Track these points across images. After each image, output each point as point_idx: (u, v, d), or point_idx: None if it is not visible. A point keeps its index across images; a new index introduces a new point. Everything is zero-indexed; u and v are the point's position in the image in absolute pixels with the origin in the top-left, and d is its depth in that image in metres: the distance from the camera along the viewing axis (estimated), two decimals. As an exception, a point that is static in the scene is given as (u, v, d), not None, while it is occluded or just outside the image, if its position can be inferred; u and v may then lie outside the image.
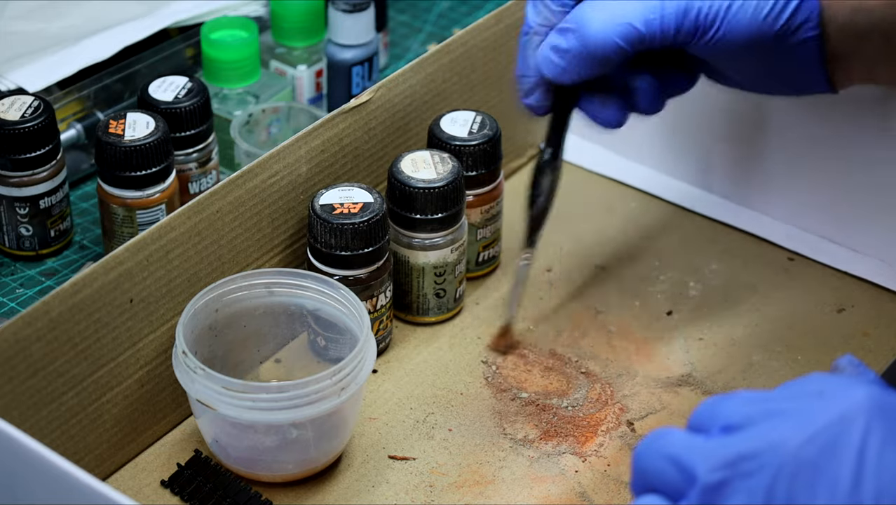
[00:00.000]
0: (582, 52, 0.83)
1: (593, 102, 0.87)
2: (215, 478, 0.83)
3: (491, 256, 0.99)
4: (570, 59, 0.83)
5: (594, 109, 0.87)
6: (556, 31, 0.84)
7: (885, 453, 0.58)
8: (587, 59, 0.83)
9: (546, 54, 0.84)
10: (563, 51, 0.83)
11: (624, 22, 0.82)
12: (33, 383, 0.78)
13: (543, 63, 0.85)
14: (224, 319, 0.86)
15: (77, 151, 1.06)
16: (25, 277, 0.99)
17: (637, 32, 0.82)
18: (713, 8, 0.81)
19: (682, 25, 0.82)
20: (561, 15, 0.85)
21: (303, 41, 1.11)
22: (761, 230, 1.02)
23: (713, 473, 0.59)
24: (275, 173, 0.89)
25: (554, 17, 0.85)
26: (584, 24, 0.83)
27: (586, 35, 0.82)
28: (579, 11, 0.83)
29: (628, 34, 0.82)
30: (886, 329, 0.95)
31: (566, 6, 0.85)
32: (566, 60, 0.84)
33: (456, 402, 0.89)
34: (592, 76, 0.84)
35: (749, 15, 0.81)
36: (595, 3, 0.83)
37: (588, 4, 0.83)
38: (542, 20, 0.86)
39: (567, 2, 0.85)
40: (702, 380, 0.91)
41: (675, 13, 0.81)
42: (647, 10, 0.82)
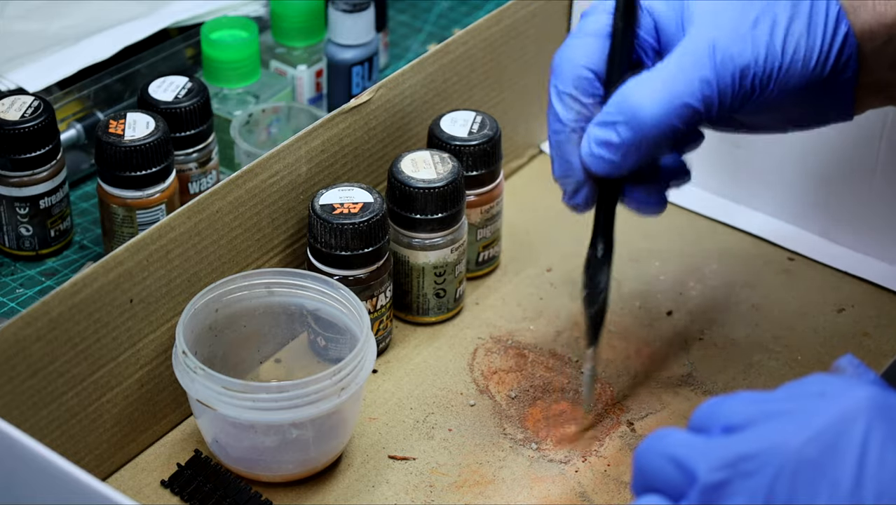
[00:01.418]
0: (637, 142, 0.76)
1: (636, 192, 0.82)
2: (215, 478, 0.83)
3: (491, 256, 0.99)
4: (624, 152, 0.77)
5: (639, 200, 0.82)
6: (598, 125, 0.77)
7: (885, 454, 0.58)
8: (643, 148, 0.76)
9: (595, 152, 0.77)
10: (615, 145, 0.76)
11: (680, 102, 0.75)
12: (33, 383, 0.78)
13: (593, 161, 0.78)
14: (224, 319, 0.86)
15: (77, 151, 1.06)
16: (25, 276, 0.99)
17: (694, 111, 0.75)
18: (766, 69, 0.75)
19: (737, 94, 0.76)
20: (594, 106, 0.79)
21: (303, 41, 1.11)
22: (761, 230, 1.02)
23: (714, 473, 0.59)
24: (275, 173, 0.89)
25: (587, 110, 0.79)
26: (635, 112, 0.75)
27: (640, 124, 0.75)
28: (625, 99, 0.76)
29: (685, 115, 0.75)
30: (886, 329, 0.95)
31: (597, 97, 0.79)
32: (619, 154, 0.77)
33: (456, 402, 0.89)
34: (644, 164, 0.79)
35: (800, 67, 0.76)
36: (641, 87, 0.76)
37: (633, 90, 0.76)
38: (574, 115, 0.79)
39: (598, 92, 0.79)
40: (702, 380, 0.91)
41: (730, 84, 0.75)
42: (702, 86, 0.75)
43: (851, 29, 0.77)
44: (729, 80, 0.75)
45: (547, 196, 1.06)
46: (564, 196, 0.82)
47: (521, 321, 0.95)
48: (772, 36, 0.76)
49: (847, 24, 0.76)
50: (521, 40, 1.04)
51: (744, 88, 0.76)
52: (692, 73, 0.75)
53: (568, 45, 0.80)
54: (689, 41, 0.76)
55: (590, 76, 0.79)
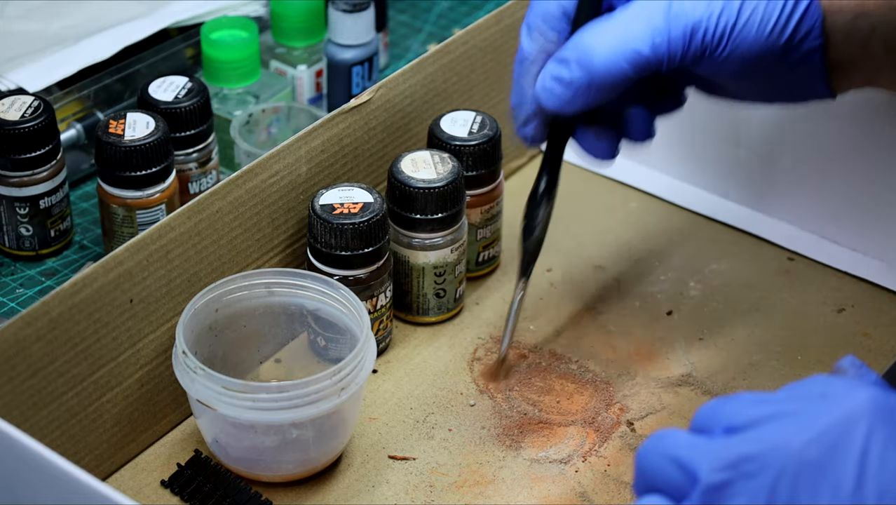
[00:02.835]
0: (587, 81, 0.79)
1: (588, 135, 0.85)
2: (215, 478, 0.83)
3: (491, 256, 0.99)
4: (574, 90, 0.80)
5: (588, 142, 0.85)
6: (555, 60, 0.81)
7: (887, 455, 0.58)
8: (592, 89, 0.80)
9: (547, 85, 0.81)
10: (566, 81, 0.80)
11: (630, 48, 0.78)
12: (33, 383, 0.78)
13: (544, 94, 0.81)
14: (224, 319, 0.86)
15: (77, 151, 1.06)
16: (25, 276, 0.99)
17: (644, 58, 0.78)
18: (720, 26, 0.78)
19: (689, 47, 0.79)
20: (558, 42, 0.82)
21: (303, 41, 1.11)
22: (761, 230, 1.02)
23: (715, 474, 0.59)
24: (275, 173, 0.89)
25: (550, 45, 0.82)
26: (587, 52, 0.79)
27: (591, 63, 0.79)
28: (581, 39, 0.80)
29: (635, 60, 0.78)
30: (886, 329, 0.95)
31: (562, 32, 0.82)
32: (570, 91, 0.80)
33: (456, 402, 0.89)
34: (595, 105, 0.82)
35: (755, 30, 0.78)
36: (597, 30, 0.79)
37: (589, 31, 0.80)
38: (538, 48, 0.83)
39: (564, 29, 0.82)
40: (702, 380, 0.91)
41: (682, 35, 0.78)
42: (654, 34, 0.78)
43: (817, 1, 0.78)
44: (680, 31, 0.78)
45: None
46: (515, 125, 0.85)
47: (522, 321, 0.95)
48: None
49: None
50: (521, 40, 1.04)
51: (695, 43, 0.79)
52: (645, 22, 0.79)
53: None
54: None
55: (557, 14, 0.82)
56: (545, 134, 0.85)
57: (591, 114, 0.84)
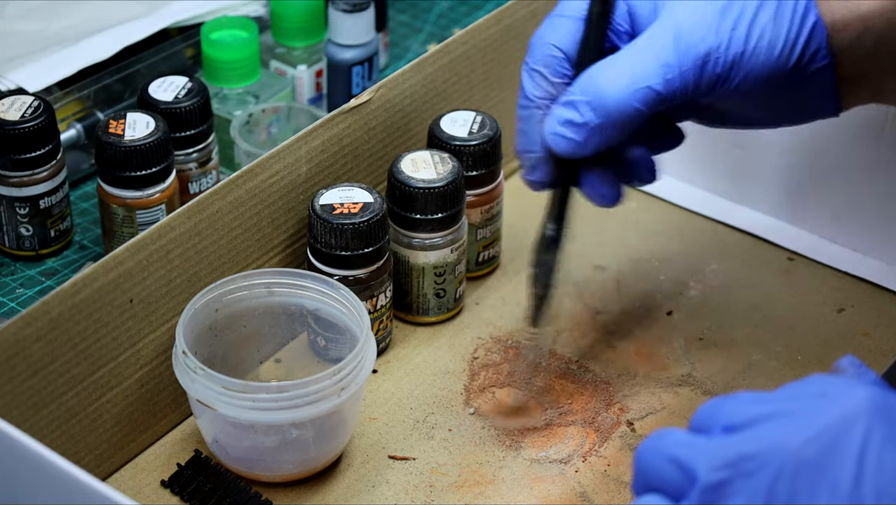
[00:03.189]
0: (599, 123, 0.78)
1: (592, 178, 0.83)
2: (215, 478, 0.83)
3: (491, 256, 0.99)
4: (586, 133, 0.78)
5: (593, 185, 0.83)
6: (562, 104, 0.79)
7: (885, 454, 0.58)
8: (605, 130, 0.78)
9: (558, 130, 0.79)
10: (577, 125, 0.78)
11: (643, 86, 0.77)
12: (33, 383, 0.78)
13: (554, 139, 0.80)
14: (224, 319, 0.86)
15: (77, 151, 1.06)
16: (25, 276, 0.99)
17: (657, 94, 0.77)
18: (730, 54, 0.77)
19: (700, 79, 0.77)
20: (562, 86, 0.81)
21: (303, 41, 1.11)
22: (761, 230, 1.02)
23: (714, 473, 0.59)
24: (275, 173, 0.89)
25: (554, 89, 0.81)
26: (598, 93, 0.77)
27: (603, 104, 0.77)
28: (590, 80, 0.78)
29: (648, 97, 0.77)
30: (886, 329, 0.95)
31: (566, 77, 0.81)
32: (582, 134, 0.78)
33: (456, 402, 0.89)
34: (607, 147, 0.80)
35: (764, 54, 0.77)
36: (605, 70, 0.78)
37: (598, 71, 0.78)
38: (541, 93, 0.81)
39: (566, 72, 0.81)
40: (702, 380, 0.91)
41: (693, 68, 0.77)
42: (665, 70, 0.77)
43: (821, 20, 0.78)
44: (690, 65, 0.77)
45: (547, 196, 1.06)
46: (523, 171, 0.84)
47: (521, 321, 0.95)
48: (737, 24, 0.77)
49: (816, 15, 0.78)
50: (521, 40, 1.04)
51: (706, 74, 0.78)
52: (655, 58, 0.77)
53: (543, 25, 0.82)
54: (656, 27, 0.78)
55: (559, 56, 0.81)
56: (551, 178, 0.83)
57: (596, 157, 0.82)
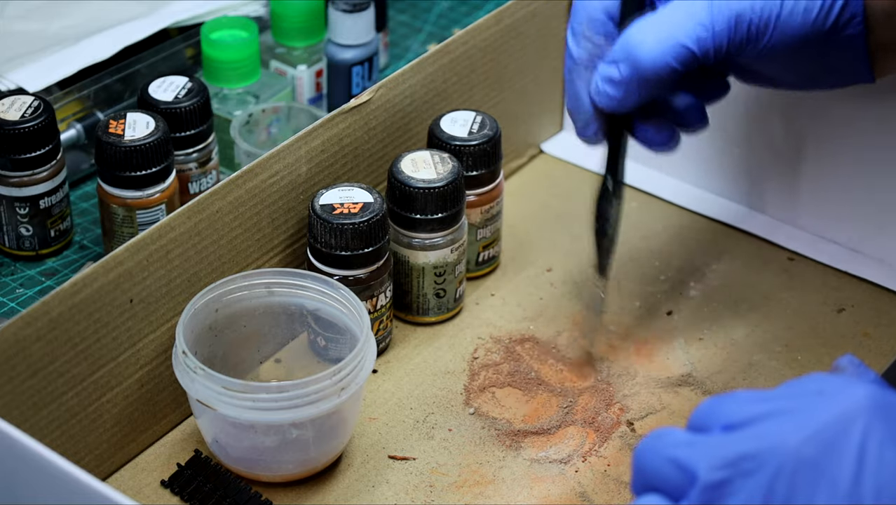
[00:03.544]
0: (636, 79, 0.81)
1: (647, 129, 0.86)
2: (215, 478, 0.83)
3: (491, 256, 0.99)
4: (624, 88, 0.82)
5: (649, 135, 0.87)
6: (605, 62, 0.83)
7: (884, 452, 0.58)
8: (641, 86, 0.81)
9: (600, 87, 0.83)
10: (616, 81, 0.82)
11: (676, 43, 0.80)
12: (33, 383, 0.78)
13: (598, 97, 0.83)
14: (224, 319, 0.86)
15: (77, 151, 1.06)
16: (25, 276, 0.99)
17: (690, 52, 0.80)
18: (763, 16, 0.79)
19: (733, 39, 0.80)
20: (606, 44, 0.84)
21: (303, 41, 1.11)
22: (761, 230, 1.02)
23: (714, 472, 0.59)
24: (275, 173, 0.89)
25: (599, 49, 0.84)
26: (634, 51, 0.81)
27: (638, 62, 0.81)
28: (627, 39, 0.81)
29: (681, 55, 0.80)
30: (886, 329, 0.95)
31: (610, 35, 0.84)
32: (620, 90, 0.82)
33: (456, 402, 0.89)
34: (647, 101, 0.83)
35: (799, 18, 0.80)
36: (642, 28, 0.81)
37: (635, 30, 0.81)
38: (587, 53, 0.84)
39: (610, 31, 0.84)
40: (702, 380, 0.91)
41: (726, 28, 0.80)
42: (698, 29, 0.80)
43: None
44: (724, 24, 0.80)
45: (547, 196, 1.06)
46: (576, 129, 0.87)
47: (521, 321, 0.95)
48: None
49: None
50: (521, 40, 1.04)
51: (740, 33, 0.80)
52: (689, 16, 0.80)
53: None
54: None
55: (602, 17, 0.84)
56: (604, 132, 0.87)
57: (646, 108, 0.85)
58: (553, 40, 1.07)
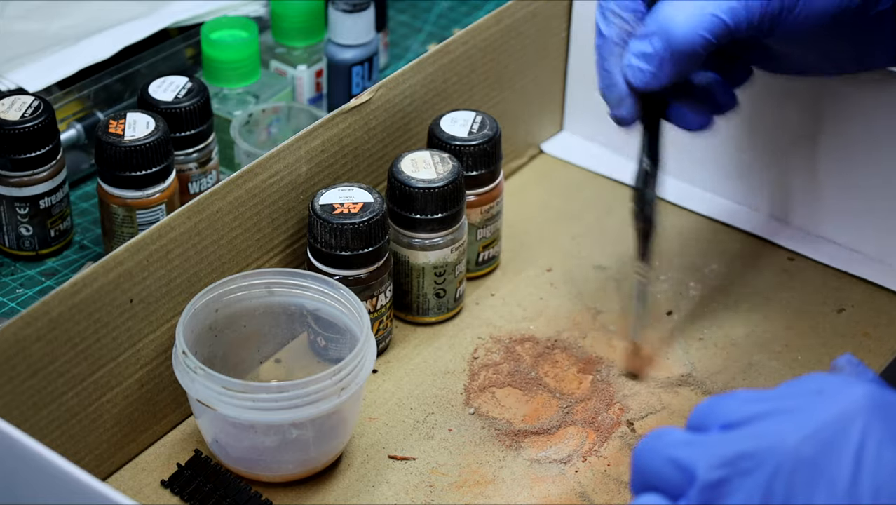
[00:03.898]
0: (669, 52, 0.81)
1: (682, 110, 0.86)
2: (215, 478, 0.83)
3: (491, 256, 0.99)
4: (658, 63, 0.81)
5: (682, 116, 0.86)
6: (637, 38, 0.82)
7: (882, 452, 0.58)
8: (675, 60, 0.81)
9: (633, 63, 0.82)
10: (649, 56, 0.81)
11: (709, 14, 0.80)
12: (33, 383, 0.78)
13: (631, 72, 0.83)
14: (224, 319, 0.86)
15: (77, 151, 1.06)
16: (25, 276, 0.99)
17: (723, 23, 0.80)
18: None
19: (766, 10, 0.80)
20: (636, 21, 0.83)
21: (303, 41, 1.11)
22: (761, 230, 1.02)
23: (713, 472, 0.59)
24: (275, 173, 0.89)
25: (629, 25, 0.83)
26: (667, 23, 0.80)
27: (672, 34, 0.80)
28: (660, 12, 0.81)
29: (714, 26, 0.80)
30: (886, 329, 0.95)
31: (639, 12, 0.83)
32: (654, 65, 0.81)
33: (456, 402, 0.89)
34: (681, 77, 0.83)
35: None
36: (674, 2, 0.81)
37: (667, 4, 0.81)
38: (616, 31, 0.84)
39: (639, 8, 0.83)
40: (702, 380, 0.91)
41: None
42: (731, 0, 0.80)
43: None
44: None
45: (547, 196, 1.06)
46: (610, 108, 0.85)
47: (521, 321, 0.95)
48: None
49: None
50: (521, 40, 1.04)
51: (771, 6, 0.79)
52: None
53: None
54: None
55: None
56: (639, 113, 0.86)
57: (680, 89, 0.85)
58: (553, 40, 1.07)
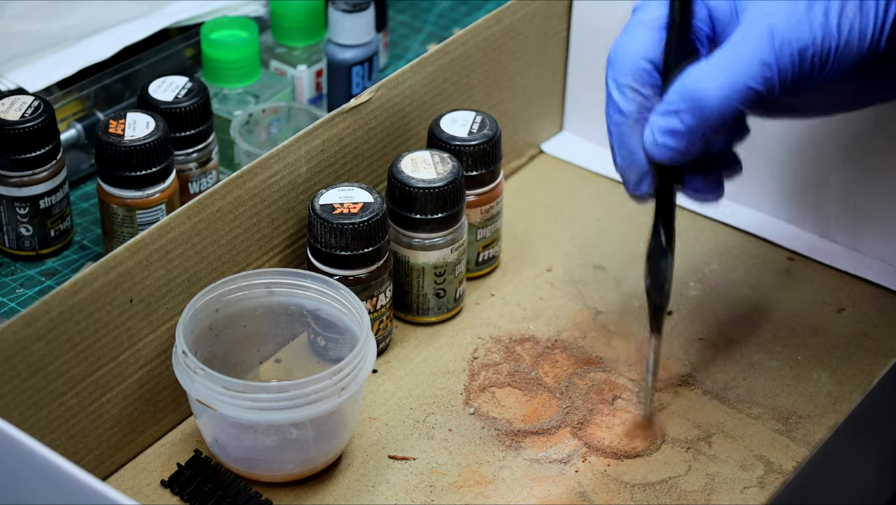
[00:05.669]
0: (702, 128, 0.77)
1: (696, 179, 0.83)
2: (215, 478, 0.83)
3: (491, 256, 0.99)
4: (688, 139, 0.78)
5: (698, 186, 0.83)
6: (661, 114, 0.78)
7: None
8: (706, 134, 0.78)
9: (660, 140, 0.78)
10: (679, 133, 0.78)
11: (742, 85, 0.76)
12: (33, 383, 0.78)
13: (657, 150, 0.79)
14: (224, 319, 0.86)
15: (77, 151, 1.06)
16: (25, 276, 0.99)
17: (756, 93, 0.76)
18: (824, 47, 0.76)
19: (797, 75, 0.77)
20: (654, 96, 0.80)
21: (303, 41, 1.11)
22: (761, 230, 1.02)
23: None
24: (275, 173, 0.89)
25: (647, 101, 0.80)
26: (699, 98, 0.77)
27: (704, 109, 0.77)
28: (688, 86, 0.77)
29: (748, 97, 0.76)
30: (886, 329, 0.95)
31: (657, 87, 0.80)
32: (684, 142, 0.78)
33: (456, 402, 0.89)
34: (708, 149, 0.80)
35: (855, 45, 0.77)
36: (703, 74, 0.77)
37: (695, 77, 0.77)
38: (636, 107, 0.80)
39: (655, 80, 0.80)
40: (702, 380, 0.91)
41: (790, 64, 0.76)
42: (763, 69, 0.76)
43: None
44: (788, 62, 0.76)
45: (547, 196, 1.06)
46: (628, 186, 0.82)
47: (521, 321, 0.95)
48: (826, 17, 0.76)
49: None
50: (521, 40, 1.04)
51: (803, 69, 0.77)
52: (753, 57, 0.76)
53: (624, 38, 0.81)
54: (747, 27, 0.78)
55: (648, 67, 0.80)
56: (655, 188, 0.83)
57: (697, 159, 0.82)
58: (553, 40, 1.07)
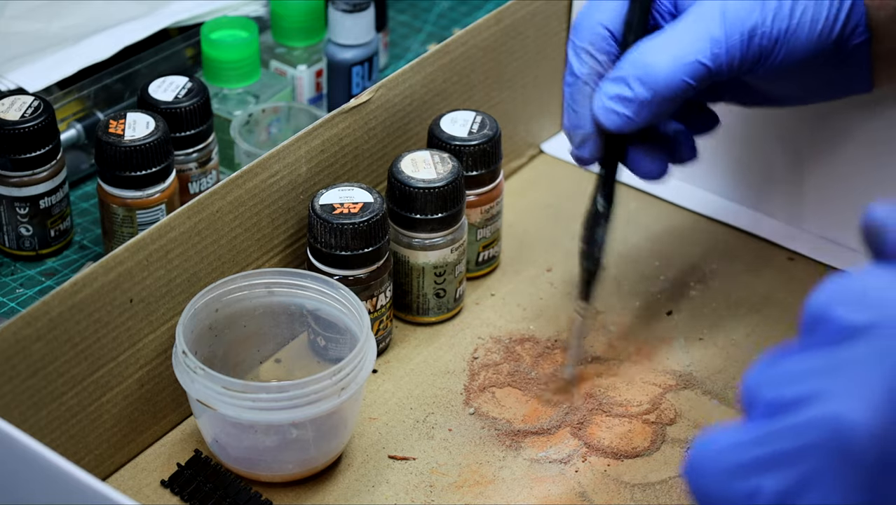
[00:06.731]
0: (649, 98, 0.80)
1: (639, 154, 0.85)
2: (215, 478, 0.83)
3: (491, 256, 0.99)
4: (636, 108, 0.80)
5: (640, 162, 0.85)
6: (611, 80, 0.81)
7: None
8: (654, 105, 0.80)
9: (607, 105, 0.81)
10: (628, 100, 0.80)
11: (691, 60, 0.79)
12: (33, 383, 0.78)
13: (604, 115, 0.82)
14: (224, 319, 0.86)
15: (77, 151, 1.06)
16: (25, 276, 0.99)
17: (705, 69, 0.79)
18: (774, 29, 0.79)
19: (746, 54, 0.80)
20: (608, 63, 0.83)
21: (303, 41, 1.11)
22: (761, 230, 1.02)
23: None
24: (275, 173, 0.89)
25: (600, 66, 0.83)
26: (648, 68, 0.80)
27: (653, 79, 0.79)
28: (639, 56, 0.80)
29: (696, 72, 0.79)
30: (886, 329, 0.94)
31: (612, 55, 0.83)
32: (632, 109, 0.81)
33: (456, 402, 0.89)
34: (655, 121, 0.83)
35: (807, 29, 0.79)
36: (654, 45, 0.80)
37: (647, 47, 0.80)
38: (588, 70, 0.83)
39: (612, 50, 0.83)
40: (702, 380, 0.91)
41: (739, 42, 0.79)
42: (712, 45, 0.79)
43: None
44: (737, 39, 0.79)
45: (547, 196, 1.06)
46: (572, 147, 0.85)
47: (521, 321, 0.95)
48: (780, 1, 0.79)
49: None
50: (521, 40, 1.04)
51: (752, 49, 0.80)
52: (703, 33, 0.80)
53: (589, 4, 0.84)
54: (703, 4, 0.80)
55: (605, 34, 0.83)
56: (599, 154, 0.85)
57: (642, 134, 0.84)
58: (553, 40, 1.07)
